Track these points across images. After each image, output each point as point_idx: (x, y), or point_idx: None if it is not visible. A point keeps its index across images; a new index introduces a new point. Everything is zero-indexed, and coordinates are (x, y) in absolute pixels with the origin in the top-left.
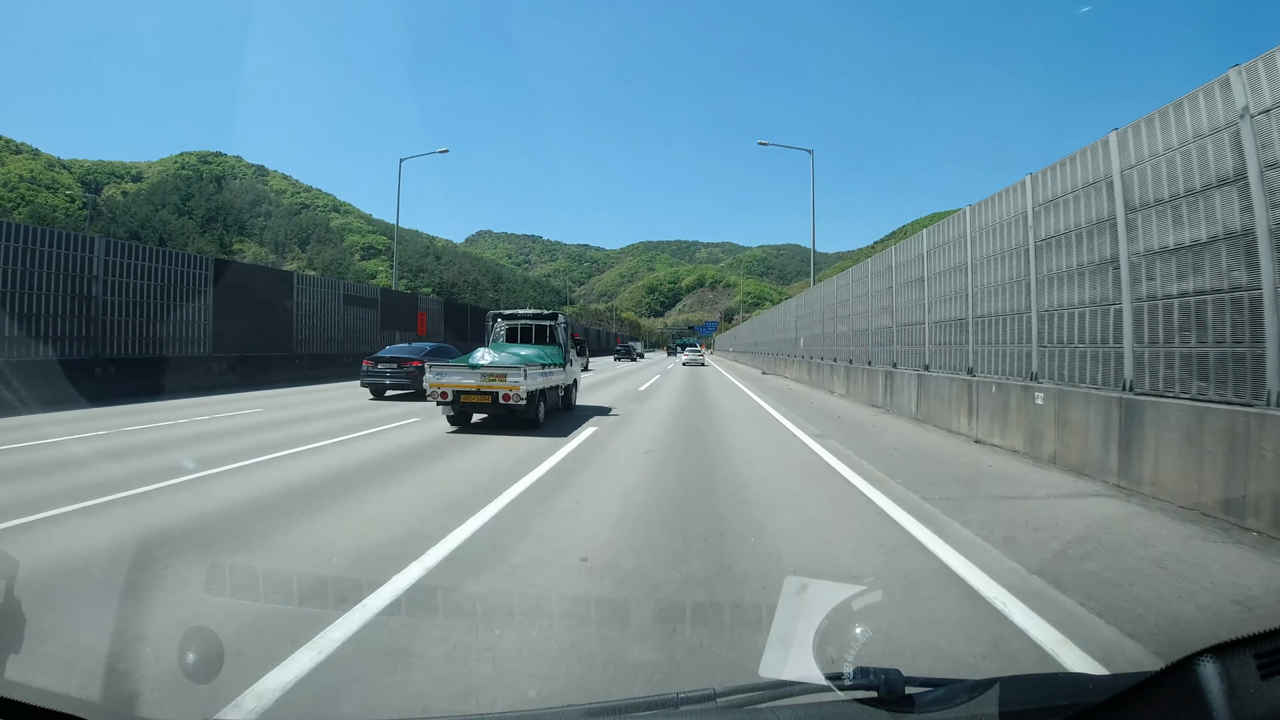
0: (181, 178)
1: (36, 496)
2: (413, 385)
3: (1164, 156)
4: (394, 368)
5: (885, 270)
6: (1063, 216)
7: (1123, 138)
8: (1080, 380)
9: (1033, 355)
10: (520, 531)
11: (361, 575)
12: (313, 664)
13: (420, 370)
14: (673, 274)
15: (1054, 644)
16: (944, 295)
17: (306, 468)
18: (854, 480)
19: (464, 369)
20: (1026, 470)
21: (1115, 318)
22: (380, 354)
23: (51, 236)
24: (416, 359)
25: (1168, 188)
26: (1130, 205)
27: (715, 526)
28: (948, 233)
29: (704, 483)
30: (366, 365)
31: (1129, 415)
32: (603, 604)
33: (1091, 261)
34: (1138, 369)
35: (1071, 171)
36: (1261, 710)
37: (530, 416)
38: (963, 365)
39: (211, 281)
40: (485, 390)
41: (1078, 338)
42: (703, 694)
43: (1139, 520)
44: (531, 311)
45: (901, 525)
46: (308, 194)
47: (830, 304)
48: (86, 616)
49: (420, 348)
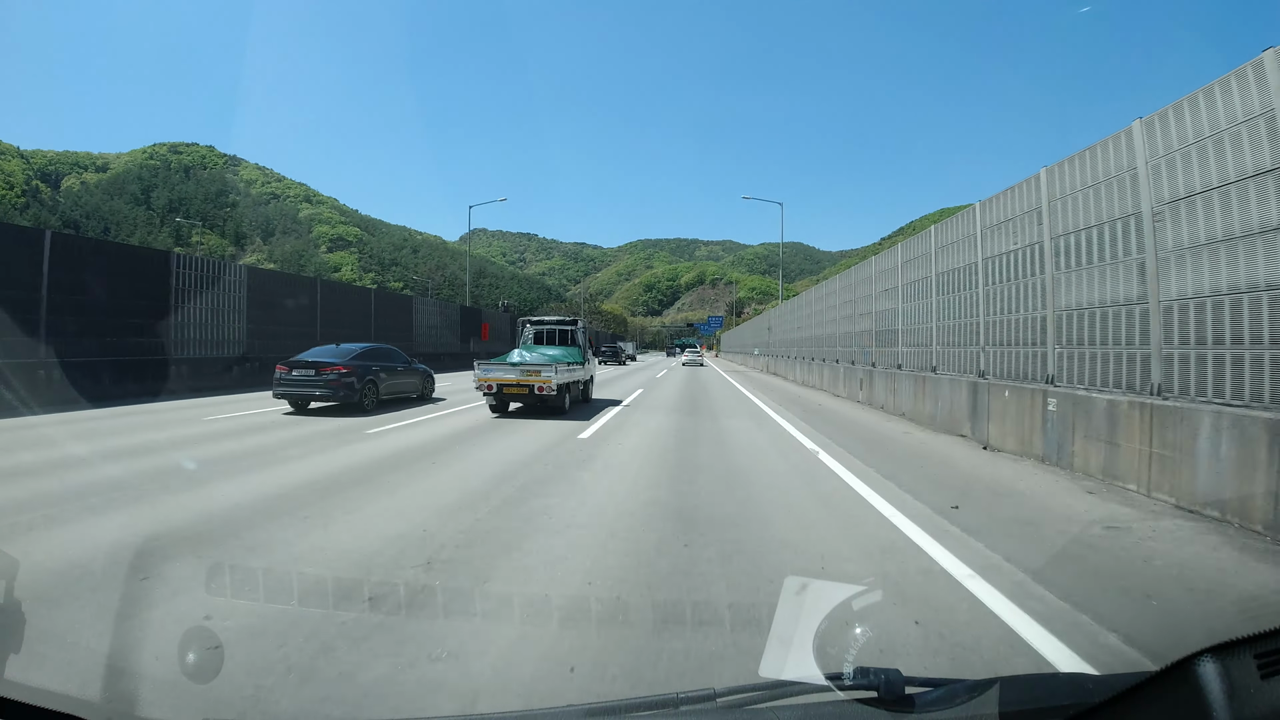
0: (148, 168)
1: None
2: (336, 395)
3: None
4: (310, 375)
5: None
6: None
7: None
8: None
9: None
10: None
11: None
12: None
13: (346, 376)
14: (671, 270)
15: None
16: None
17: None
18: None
19: (506, 366)
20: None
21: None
22: (299, 358)
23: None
24: (340, 363)
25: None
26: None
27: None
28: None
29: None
30: (280, 372)
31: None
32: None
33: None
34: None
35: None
36: (1261, 710)
37: (559, 405)
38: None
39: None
40: (523, 383)
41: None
42: (703, 694)
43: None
44: (555, 318)
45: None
46: (280, 184)
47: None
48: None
49: (350, 349)
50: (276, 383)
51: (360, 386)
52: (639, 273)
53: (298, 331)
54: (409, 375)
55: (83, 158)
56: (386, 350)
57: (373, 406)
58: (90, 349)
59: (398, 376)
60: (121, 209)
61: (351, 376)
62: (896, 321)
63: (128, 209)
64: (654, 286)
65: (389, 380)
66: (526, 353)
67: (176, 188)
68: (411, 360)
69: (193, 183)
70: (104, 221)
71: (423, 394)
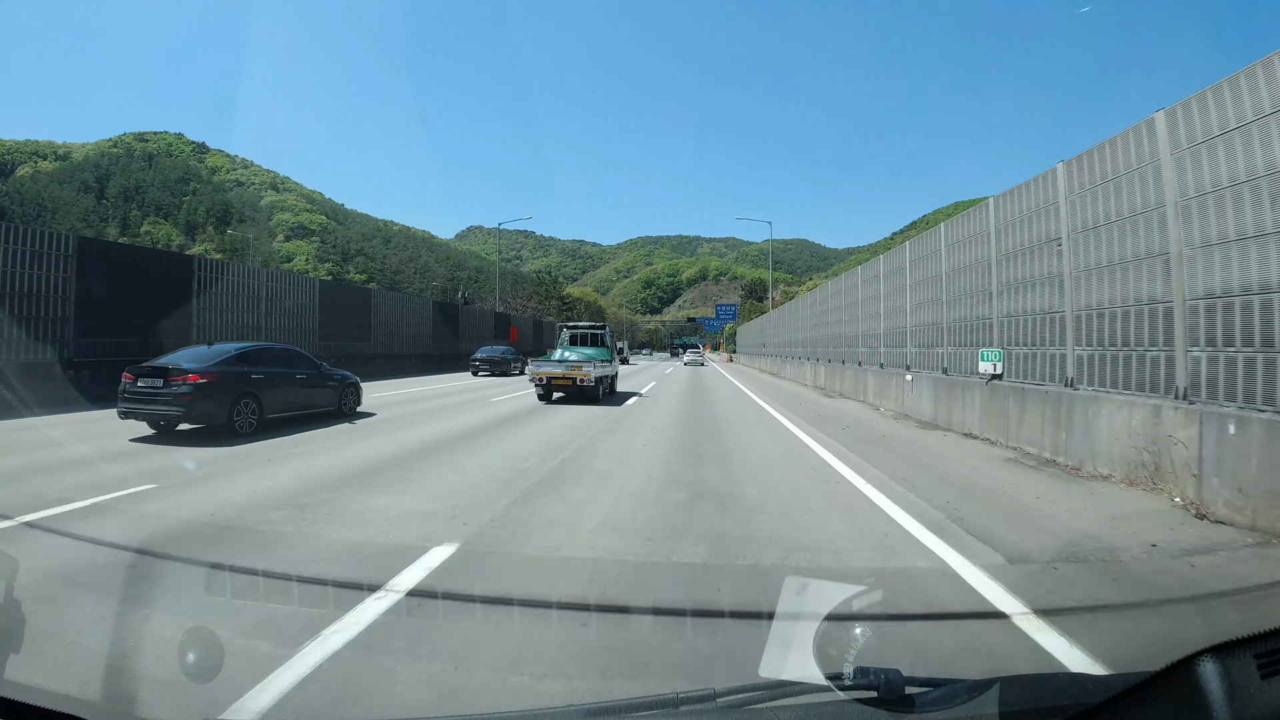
0: (111, 156)
1: None
2: (191, 413)
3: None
4: (158, 386)
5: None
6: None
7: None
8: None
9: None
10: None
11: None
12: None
13: (206, 387)
14: (672, 266)
15: None
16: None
17: None
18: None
19: (554, 363)
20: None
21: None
22: (152, 363)
23: None
24: (196, 370)
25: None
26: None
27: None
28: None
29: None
30: (125, 382)
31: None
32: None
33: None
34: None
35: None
36: (1261, 710)
37: (595, 394)
38: None
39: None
40: (568, 376)
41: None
42: (703, 694)
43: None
44: (587, 324)
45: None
46: (245, 170)
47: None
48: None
49: (222, 351)
50: (121, 397)
51: (230, 401)
52: (638, 270)
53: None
54: (315, 385)
55: (44, 146)
56: (283, 352)
57: (251, 429)
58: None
59: (296, 387)
60: (67, 196)
61: (214, 387)
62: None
63: (75, 197)
64: (653, 283)
65: (282, 392)
66: (569, 352)
67: (134, 175)
68: (321, 365)
69: (153, 170)
70: (38, 209)
71: (341, 409)
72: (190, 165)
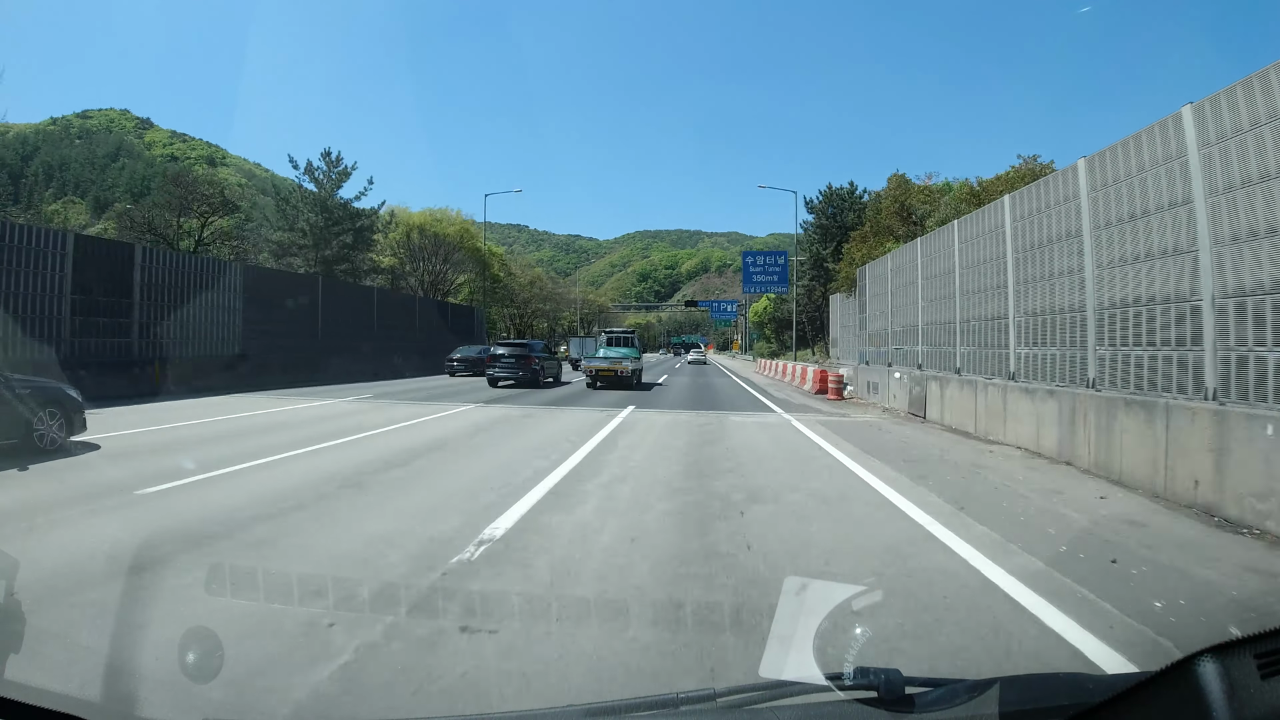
0: (44, 133)
1: None
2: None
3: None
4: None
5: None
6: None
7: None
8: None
9: None
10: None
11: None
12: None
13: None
14: (670, 258)
15: None
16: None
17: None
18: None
19: (600, 359)
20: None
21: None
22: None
23: None
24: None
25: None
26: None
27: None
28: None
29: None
30: None
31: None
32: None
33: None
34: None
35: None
36: (1261, 710)
37: (631, 383)
38: None
39: None
40: (611, 369)
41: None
42: (703, 694)
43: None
44: (621, 329)
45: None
46: (184, 144)
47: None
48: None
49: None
50: None
51: None
52: (634, 262)
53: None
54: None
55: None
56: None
57: None
58: None
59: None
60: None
61: None
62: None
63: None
64: (650, 275)
65: None
66: (609, 351)
67: (60, 153)
68: (10, 376)
69: (80, 147)
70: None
71: (41, 440)
72: (126, 141)
